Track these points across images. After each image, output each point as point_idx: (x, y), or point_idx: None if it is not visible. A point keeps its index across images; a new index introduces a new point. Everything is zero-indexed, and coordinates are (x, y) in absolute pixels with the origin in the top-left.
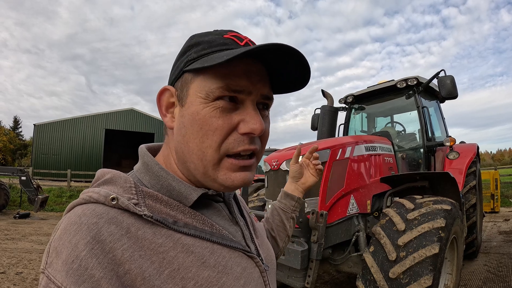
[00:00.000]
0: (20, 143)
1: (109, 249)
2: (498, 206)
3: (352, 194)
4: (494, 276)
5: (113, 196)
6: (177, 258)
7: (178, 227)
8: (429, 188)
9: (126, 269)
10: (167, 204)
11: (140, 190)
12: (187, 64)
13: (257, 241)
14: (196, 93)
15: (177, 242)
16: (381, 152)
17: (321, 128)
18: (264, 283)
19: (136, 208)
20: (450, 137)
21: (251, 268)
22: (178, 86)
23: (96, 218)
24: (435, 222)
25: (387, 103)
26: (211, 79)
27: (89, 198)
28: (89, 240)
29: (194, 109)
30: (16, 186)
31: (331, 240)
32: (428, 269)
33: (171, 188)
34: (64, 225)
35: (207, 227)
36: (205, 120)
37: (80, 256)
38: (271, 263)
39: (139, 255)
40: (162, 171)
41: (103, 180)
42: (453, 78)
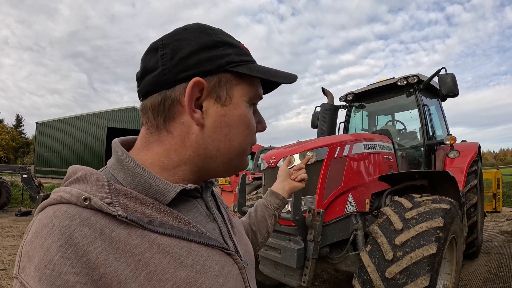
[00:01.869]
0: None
1: (83, 253)
2: (500, 206)
3: (350, 192)
4: (495, 276)
5: (86, 196)
6: (154, 259)
7: (154, 226)
8: (428, 187)
9: (101, 273)
10: (142, 203)
11: (114, 188)
12: (230, 64)
13: (235, 237)
14: (242, 96)
15: (153, 242)
16: (380, 151)
17: (321, 126)
18: (243, 279)
19: (110, 208)
20: (451, 136)
21: (229, 265)
22: (213, 82)
23: (68, 220)
24: (433, 222)
25: (388, 101)
26: (253, 87)
27: (61, 198)
28: (62, 243)
29: (241, 111)
30: (18, 184)
31: (329, 238)
32: (425, 269)
33: (147, 185)
34: (35, 228)
35: (183, 226)
36: (250, 122)
37: (53, 261)
38: (250, 259)
39: (114, 258)
40: (138, 168)
41: (75, 178)
42: (454, 76)
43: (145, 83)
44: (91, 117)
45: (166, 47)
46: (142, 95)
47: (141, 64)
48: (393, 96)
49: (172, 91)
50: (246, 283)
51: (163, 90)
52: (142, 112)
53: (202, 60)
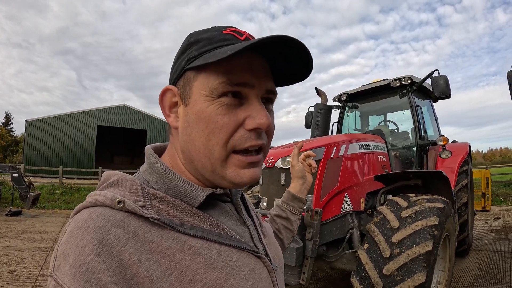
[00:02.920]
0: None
1: (116, 253)
2: (489, 205)
3: (346, 192)
4: (485, 273)
5: (120, 199)
6: (185, 261)
7: (185, 229)
8: (422, 187)
9: (134, 273)
10: (174, 206)
11: (147, 192)
12: (189, 62)
13: (265, 241)
14: (199, 91)
15: (184, 244)
16: (374, 151)
17: (315, 126)
18: (273, 283)
19: (143, 211)
20: (443, 136)
21: (259, 268)
22: (180, 85)
23: (103, 222)
24: (429, 220)
25: (381, 102)
26: (214, 76)
27: (96, 201)
28: (96, 243)
29: (199, 107)
30: (7, 183)
31: (325, 237)
32: (421, 266)
33: (177, 189)
34: (71, 229)
35: (214, 228)
36: (211, 118)
37: (87, 259)
38: (279, 263)
39: (146, 258)
40: (169, 172)
41: (109, 183)
42: (447, 78)
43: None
44: (81, 115)
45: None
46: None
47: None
48: (386, 97)
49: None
50: (275, 286)
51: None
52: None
53: (176, 67)
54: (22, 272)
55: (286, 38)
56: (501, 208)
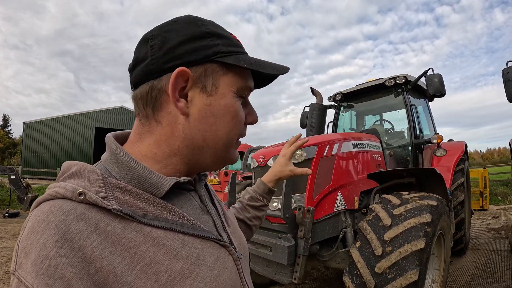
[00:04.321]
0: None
1: (79, 247)
2: (487, 204)
3: (339, 190)
4: (483, 272)
5: (80, 191)
6: (149, 252)
7: (148, 220)
8: (416, 185)
9: (97, 267)
10: (137, 196)
11: (108, 182)
12: (217, 55)
13: (229, 229)
14: (229, 86)
15: (148, 235)
16: (369, 149)
17: (310, 125)
18: (238, 271)
19: (104, 202)
20: (438, 135)
21: (224, 257)
22: (198, 72)
23: (64, 215)
24: (421, 218)
25: (376, 101)
26: (241, 78)
27: (56, 193)
28: (58, 239)
29: (228, 101)
30: (5, 185)
31: (319, 236)
32: (414, 264)
33: (141, 179)
34: (31, 224)
35: (177, 218)
36: (236, 112)
37: (49, 256)
38: (244, 251)
39: (110, 252)
40: (132, 161)
41: (70, 174)
42: (441, 77)
43: (136, 73)
44: (79, 117)
45: (156, 38)
46: (134, 85)
47: (134, 55)
48: (381, 96)
49: (159, 80)
50: (240, 274)
51: (151, 80)
52: (134, 102)
53: (189, 50)
54: None
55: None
56: (499, 207)
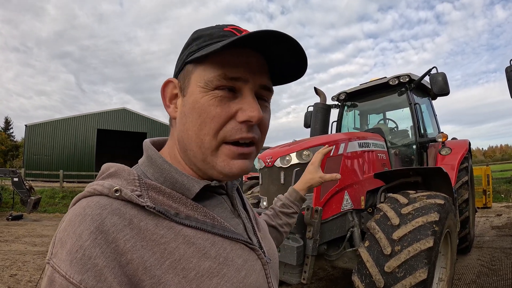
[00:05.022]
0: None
1: (112, 239)
2: (490, 202)
3: (346, 190)
4: (488, 269)
5: (117, 188)
6: (178, 249)
7: (180, 219)
8: (422, 184)
9: (128, 259)
10: (170, 196)
11: (143, 182)
12: (189, 56)
13: (259, 234)
14: (196, 82)
15: (179, 233)
16: (374, 149)
17: (314, 125)
18: (266, 275)
19: (139, 200)
20: (442, 133)
21: (252, 260)
22: (181, 78)
23: (100, 209)
24: (429, 216)
25: (380, 100)
26: (210, 69)
27: (94, 190)
28: (93, 230)
29: (194, 98)
30: (8, 187)
31: (326, 236)
32: (423, 263)
33: (174, 180)
34: (69, 217)
35: (208, 219)
36: (204, 108)
37: (84, 246)
38: (273, 257)
39: (141, 246)
40: (165, 164)
41: (108, 174)
42: (445, 75)
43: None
44: (81, 119)
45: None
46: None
47: None
48: (384, 95)
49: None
50: (268, 279)
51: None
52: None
53: (178, 61)
54: (23, 275)
55: (277, 34)
56: (502, 204)
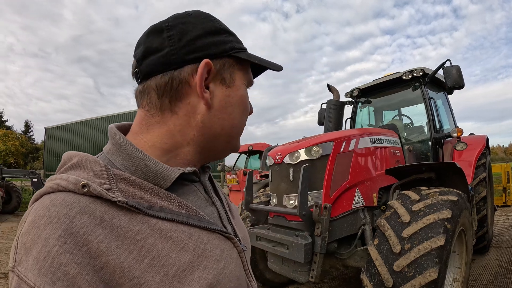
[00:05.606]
0: (31, 146)
1: (83, 242)
2: (510, 200)
3: (357, 187)
4: (506, 270)
5: (84, 183)
6: (156, 245)
7: (154, 211)
8: (436, 180)
9: (103, 262)
10: (141, 188)
11: (112, 173)
12: (233, 50)
13: (233, 221)
14: (241, 79)
15: (154, 228)
16: (387, 145)
17: (328, 122)
18: (243, 263)
19: (109, 194)
20: (458, 128)
21: (229, 249)
22: (218, 65)
23: (67, 209)
24: (441, 213)
25: (394, 95)
26: (248, 73)
27: (57, 186)
28: (61, 233)
29: (242, 92)
30: (28, 188)
31: (336, 233)
32: (433, 262)
33: (147, 169)
34: (31, 218)
35: (183, 210)
36: (247, 103)
37: (52, 252)
38: (247, 244)
39: (116, 245)
40: (137, 151)
41: (71, 165)
42: (459, 68)
43: (148, 63)
44: (99, 121)
45: (173, 29)
46: (143, 75)
47: (142, 44)
48: (399, 91)
49: (181, 71)
50: (245, 267)
51: (170, 71)
52: (142, 94)
53: (208, 43)
54: None
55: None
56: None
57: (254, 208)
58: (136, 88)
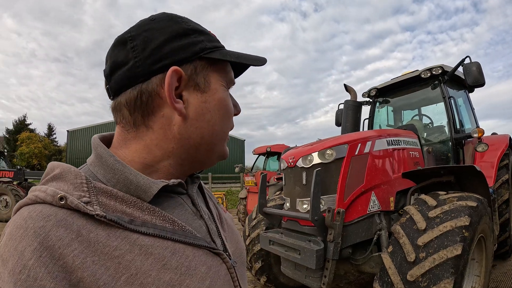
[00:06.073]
0: (54, 149)
1: (59, 256)
2: None
3: (373, 190)
4: None
5: (61, 195)
6: (135, 262)
7: (135, 226)
8: (456, 184)
9: (79, 277)
10: (123, 201)
11: (93, 186)
12: (204, 51)
13: (224, 234)
14: (218, 81)
15: (134, 243)
16: (405, 146)
17: (345, 123)
18: (232, 279)
19: (87, 208)
20: (478, 128)
21: (217, 265)
22: (189, 70)
23: (43, 221)
24: (459, 220)
25: (413, 95)
26: (227, 72)
27: (36, 198)
28: (36, 246)
29: (220, 95)
30: None
31: (351, 239)
32: (449, 272)
33: (128, 182)
34: (10, 230)
35: (168, 224)
36: (228, 105)
37: (27, 265)
38: (240, 257)
39: (92, 261)
40: (118, 164)
41: (52, 176)
42: (479, 65)
43: (116, 78)
44: None
45: (136, 39)
46: (114, 93)
47: (109, 59)
48: (418, 89)
49: (148, 83)
50: (235, 283)
51: (137, 84)
52: (114, 111)
53: (176, 48)
54: None
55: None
56: None
57: (267, 212)
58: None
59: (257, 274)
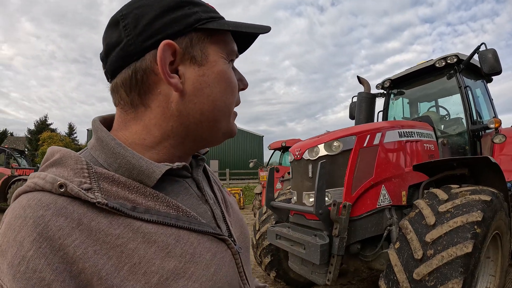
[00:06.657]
0: (75, 147)
1: (59, 247)
2: None
3: (383, 184)
4: None
5: (61, 183)
6: (138, 250)
7: (138, 213)
8: (470, 177)
9: (80, 268)
10: (125, 186)
11: (94, 171)
12: (199, 22)
13: (229, 219)
14: (218, 53)
15: (137, 231)
16: (419, 138)
17: (358, 116)
18: (237, 265)
19: (88, 195)
20: (495, 118)
21: (222, 252)
22: (184, 43)
23: (42, 210)
24: (470, 216)
25: (429, 85)
26: (227, 43)
27: (35, 185)
28: (36, 237)
29: (220, 68)
30: None
31: (359, 234)
32: (458, 271)
33: (130, 166)
34: (8, 219)
35: (172, 210)
36: (230, 78)
37: (26, 256)
38: (245, 242)
39: (94, 251)
40: (119, 147)
41: (52, 161)
42: (495, 52)
43: (111, 60)
44: None
45: (127, 17)
46: (111, 74)
47: (104, 42)
48: (433, 80)
49: (142, 60)
50: (240, 269)
51: (132, 63)
52: (113, 93)
53: (168, 22)
54: None
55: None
56: None
57: (274, 205)
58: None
59: (267, 269)
